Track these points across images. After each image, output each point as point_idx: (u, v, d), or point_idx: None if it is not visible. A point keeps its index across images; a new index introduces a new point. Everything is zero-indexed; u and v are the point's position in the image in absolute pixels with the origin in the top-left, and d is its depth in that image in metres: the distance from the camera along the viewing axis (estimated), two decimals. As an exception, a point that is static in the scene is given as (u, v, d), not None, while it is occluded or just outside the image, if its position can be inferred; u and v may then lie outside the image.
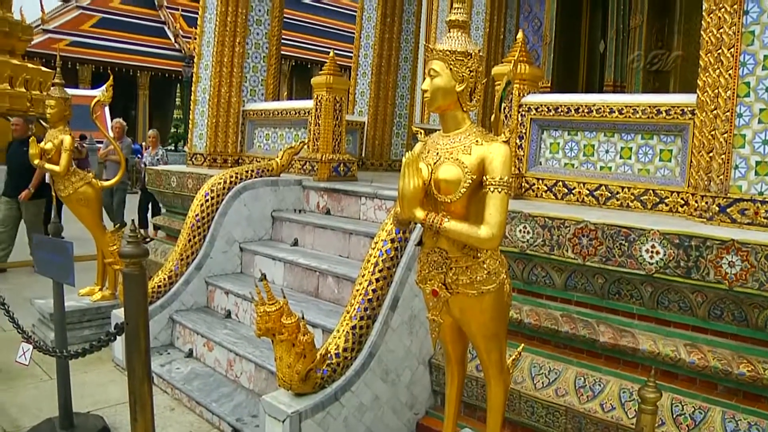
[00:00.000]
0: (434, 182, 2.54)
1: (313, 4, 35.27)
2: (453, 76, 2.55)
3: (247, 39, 7.26)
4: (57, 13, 30.62)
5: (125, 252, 2.70)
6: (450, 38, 2.62)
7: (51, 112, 5.94)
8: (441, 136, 2.65)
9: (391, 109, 8.22)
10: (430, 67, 2.60)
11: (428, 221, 2.50)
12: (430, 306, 2.76)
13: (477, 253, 2.56)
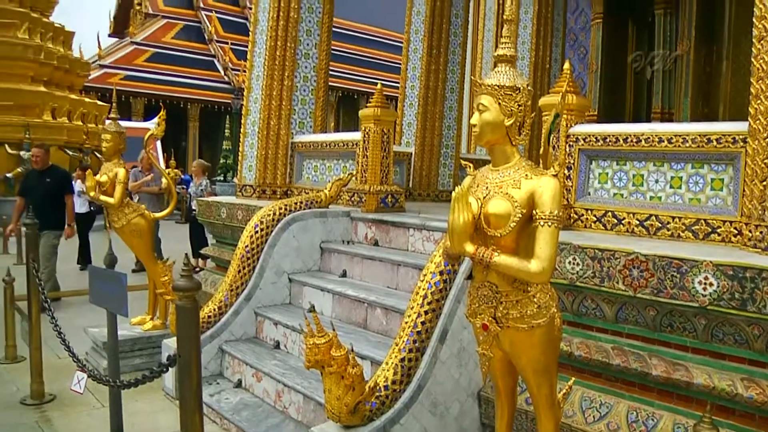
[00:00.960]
0: (484, 216, 2.55)
1: (360, 36, 35.79)
2: (502, 111, 2.57)
3: (295, 72, 7.42)
4: (113, 49, 31.76)
5: (179, 285, 2.76)
6: (498, 73, 2.65)
7: (107, 146, 6.13)
8: (490, 170, 2.67)
9: (437, 140, 8.26)
10: (479, 101, 2.62)
11: (478, 256, 2.50)
12: (480, 340, 2.75)
13: (527, 287, 2.56)
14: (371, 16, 37.67)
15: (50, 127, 19.05)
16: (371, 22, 37.79)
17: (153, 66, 30.87)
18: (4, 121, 18.27)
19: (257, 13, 7.60)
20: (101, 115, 22.11)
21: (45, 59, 19.52)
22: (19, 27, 19.18)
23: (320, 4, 7.55)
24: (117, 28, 37.52)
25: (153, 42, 32.40)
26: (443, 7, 8.30)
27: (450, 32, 8.40)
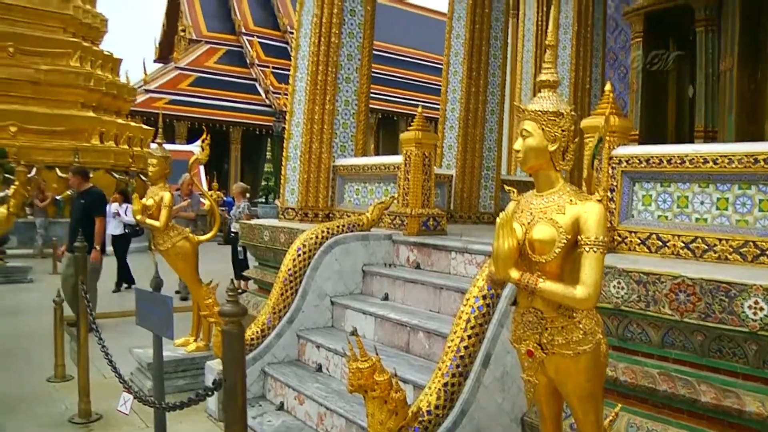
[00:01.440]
0: (528, 242, 2.55)
1: (398, 58, 36.06)
2: (545, 136, 2.58)
3: (336, 96, 7.51)
4: (158, 74, 32.55)
5: (225, 311, 2.81)
6: (541, 98, 2.65)
7: (153, 171, 6.27)
8: (534, 195, 2.67)
9: (478, 162, 8.24)
10: (522, 127, 2.63)
11: (523, 282, 2.50)
12: (525, 366, 2.73)
13: (572, 312, 2.54)
14: (410, 39, 37.97)
15: (98, 151, 19.62)
16: (410, 44, 38.07)
17: (196, 90, 31.55)
18: (55, 145, 18.94)
19: (299, 38, 7.72)
20: (146, 138, 22.69)
21: (94, 86, 20.19)
22: (71, 56, 19.95)
23: (361, 29, 7.65)
24: (162, 53, 38.55)
25: (196, 67, 33.14)
26: (482, 30, 8.32)
27: (489, 54, 8.41)
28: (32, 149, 18.33)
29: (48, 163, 18.58)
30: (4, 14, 19.31)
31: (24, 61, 19.06)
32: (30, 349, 7.43)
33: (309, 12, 7.59)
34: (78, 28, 20.85)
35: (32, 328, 8.34)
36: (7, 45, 18.88)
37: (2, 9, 19.29)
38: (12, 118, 18.53)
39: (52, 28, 20.13)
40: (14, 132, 18.47)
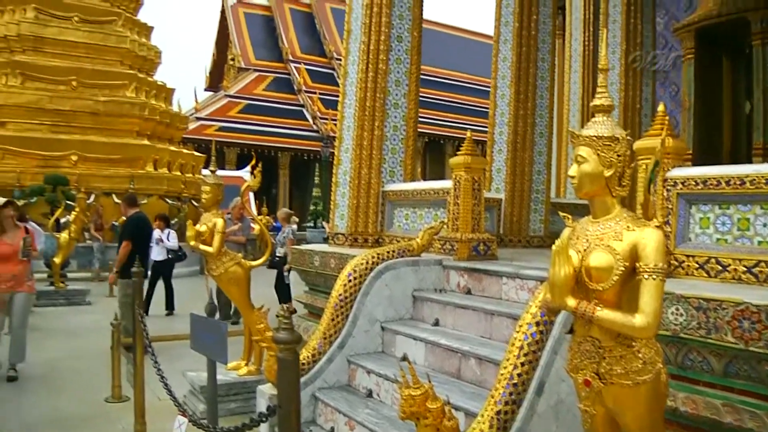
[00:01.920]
0: (585, 270, 2.50)
1: (444, 82, 36.17)
2: (601, 162, 2.54)
3: (385, 122, 7.56)
4: (208, 102, 33.32)
5: (280, 338, 2.82)
6: (596, 123, 2.63)
7: (206, 197, 6.40)
8: (590, 221, 2.63)
9: (528, 185, 8.18)
10: (577, 153, 2.60)
11: (580, 310, 2.45)
12: (582, 396, 2.67)
13: (631, 341, 2.48)
14: (456, 62, 38.08)
15: (152, 178, 20.17)
16: (456, 67, 38.19)
17: (245, 117, 32.18)
18: (112, 172, 19.63)
19: (347, 66, 7.82)
20: (198, 165, 23.22)
21: (149, 115, 20.89)
22: (128, 87, 20.75)
23: (408, 55, 7.71)
24: (212, 82, 39.51)
25: (245, 94, 33.82)
26: (529, 52, 8.31)
27: (537, 76, 8.39)
28: (91, 177, 19.03)
29: (105, 190, 19.20)
30: (69, 51, 20.45)
31: (85, 93, 19.95)
32: (88, 370, 7.62)
33: (356, 39, 7.69)
34: (134, 61, 21.67)
35: (90, 349, 8.56)
36: (70, 79, 19.85)
37: (68, 46, 20.43)
38: (73, 147, 19.36)
39: (110, 62, 21.05)
40: (75, 161, 19.25)
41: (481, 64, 34.17)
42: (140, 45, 22.12)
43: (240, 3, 38.52)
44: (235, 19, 37.46)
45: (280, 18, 37.82)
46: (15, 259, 7.25)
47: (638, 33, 9.80)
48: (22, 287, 7.36)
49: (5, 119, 19.18)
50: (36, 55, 20.08)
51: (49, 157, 19.06)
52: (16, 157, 18.79)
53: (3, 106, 19.08)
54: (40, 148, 19.02)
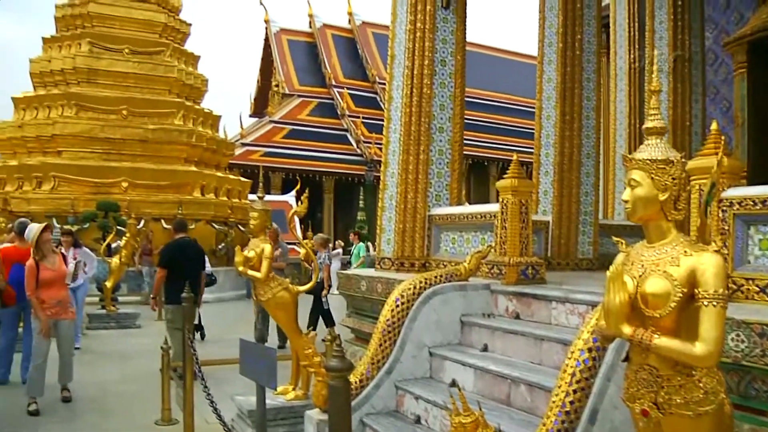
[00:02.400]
0: (641, 296, 2.44)
1: (488, 103, 36.10)
2: (655, 186, 2.49)
3: (430, 146, 7.55)
4: (253, 128, 33.89)
5: (331, 366, 2.82)
6: (649, 146, 2.58)
7: (254, 223, 6.46)
8: (645, 246, 2.57)
9: (575, 207, 8.07)
10: (630, 176, 2.55)
11: (636, 337, 2.39)
12: (640, 426, 2.59)
13: (692, 370, 2.40)
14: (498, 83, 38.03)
15: (199, 203, 20.55)
16: (498, 89, 38.13)
17: (290, 142, 32.60)
18: (161, 198, 20.09)
19: (391, 90, 7.86)
20: (244, 190, 23.58)
21: (196, 142, 21.36)
22: (175, 115, 21.32)
23: (452, 78, 7.71)
24: (257, 108, 40.19)
25: (289, 120, 34.31)
26: (574, 73, 8.25)
27: (582, 96, 8.31)
28: (141, 202, 19.51)
29: (155, 215, 19.63)
30: (120, 81, 21.23)
31: (135, 122, 20.58)
32: (138, 392, 7.73)
33: (400, 64, 7.73)
34: (181, 89, 22.24)
35: (140, 372, 8.69)
36: (121, 109, 20.51)
37: (119, 77, 21.21)
38: (124, 174, 19.93)
39: (159, 91, 21.69)
40: (125, 187, 19.79)
41: (524, 85, 34.13)
42: (187, 74, 22.68)
43: (283, 30, 39.20)
44: (278, 46, 38.12)
45: (322, 44, 38.34)
46: (59, 284, 7.31)
47: (686, 49, 9.65)
48: (67, 314, 7.41)
49: (61, 148, 19.94)
50: (89, 87, 20.84)
51: (101, 184, 19.68)
52: (70, 185, 19.44)
53: (59, 135, 19.83)
54: (92, 176, 19.64)
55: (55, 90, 20.98)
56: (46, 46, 22.22)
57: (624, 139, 10.77)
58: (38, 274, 7.00)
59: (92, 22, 21.88)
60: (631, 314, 2.46)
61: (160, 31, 22.62)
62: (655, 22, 10.08)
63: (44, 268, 7.10)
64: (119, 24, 22.13)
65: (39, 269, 7.03)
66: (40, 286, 6.99)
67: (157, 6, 22.85)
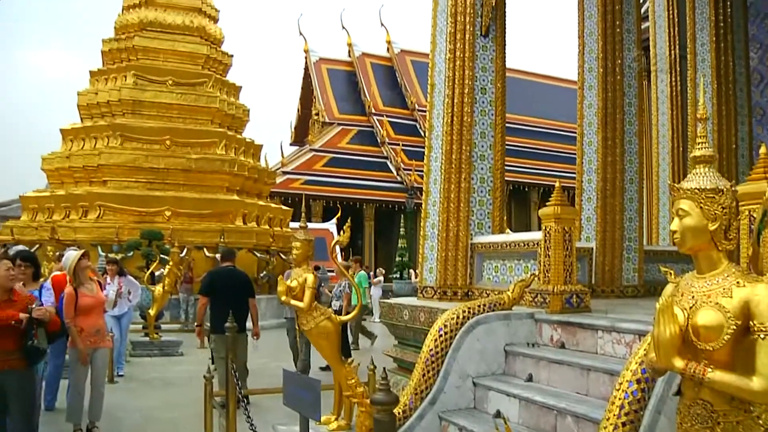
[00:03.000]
0: (692, 328, 2.39)
1: (527, 129, 35.96)
2: (704, 215, 2.45)
3: (472, 174, 7.53)
4: (294, 157, 34.27)
5: (377, 399, 2.81)
6: (697, 175, 2.54)
7: (296, 253, 6.48)
8: (695, 277, 2.51)
9: (619, 234, 7.97)
10: (678, 206, 2.51)
11: (689, 371, 2.33)
12: (695, 463, 2.52)
13: (749, 406, 2.33)
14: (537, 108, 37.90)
15: (241, 232, 20.78)
16: (537, 113, 37.99)
17: (330, 170, 32.86)
18: (203, 227, 20.36)
19: (432, 119, 7.88)
20: (285, 218, 23.79)
21: (238, 171, 21.70)
22: (218, 144, 21.71)
23: (492, 106, 7.71)
24: (297, 136, 40.68)
25: (330, 148, 34.62)
26: (615, 98, 8.19)
27: (624, 121, 8.25)
28: (184, 231, 19.77)
29: (197, 244, 19.89)
30: (163, 112, 21.78)
31: (178, 151, 21.00)
32: (181, 420, 7.77)
33: (440, 93, 7.76)
34: (223, 119, 22.66)
35: (183, 400, 8.74)
36: (164, 139, 20.97)
37: (162, 108, 21.75)
38: (167, 203, 20.29)
39: (201, 121, 22.14)
40: (169, 216, 20.14)
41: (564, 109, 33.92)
42: (229, 104, 23.11)
43: (323, 60, 39.72)
44: (318, 75, 38.62)
45: (362, 72, 38.73)
46: (97, 312, 7.26)
47: (730, 70, 9.51)
48: (104, 342, 7.39)
49: (106, 178, 20.45)
50: (134, 118, 21.38)
51: (145, 212, 20.07)
52: (115, 213, 19.87)
53: (104, 165, 20.34)
54: (136, 205, 20.05)
55: (101, 121, 21.58)
56: (93, 79, 22.93)
57: (667, 162, 10.62)
58: (77, 301, 6.94)
59: (137, 55, 22.53)
60: (682, 347, 2.40)
61: (202, 63, 23.13)
62: (697, 44, 9.98)
63: (83, 294, 7.03)
64: (163, 56, 22.72)
65: (77, 296, 6.96)
66: (78, 313, 6.92)
67: (200, 38, 23.41)
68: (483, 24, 7.65)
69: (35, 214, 20.92)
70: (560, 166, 33.15)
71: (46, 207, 20.65)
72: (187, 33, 23.21)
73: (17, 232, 20.09)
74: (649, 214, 11.15)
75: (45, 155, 21.84)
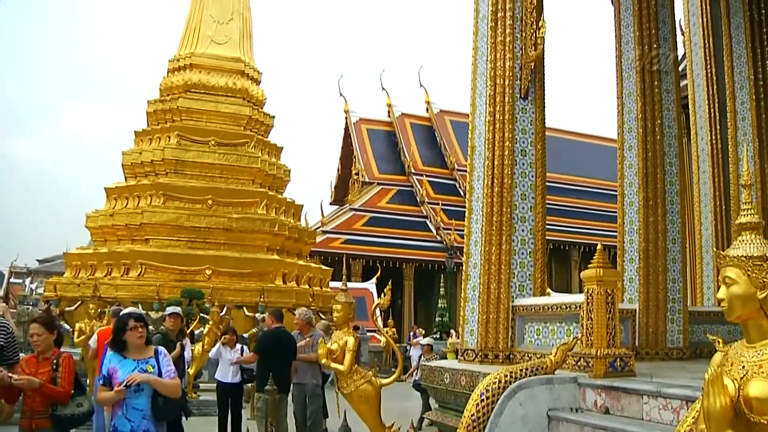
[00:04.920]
0: (744, 400, 2.34)
1: (566, 187, 35.81)
2: (752, 283, 2.42)
3: (513, 237, 7.50)
4: (333, 216, 34.59)
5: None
6: (744, 242, 2.52)
7: (338, 315, 6.56)
8: (745, 346, 2.47)
9: (663, 295, 7.84)
10: (725, 274, 2.49)
11: (742, 445, 2.28)
12: None
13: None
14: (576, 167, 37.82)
15: (281, 291, 20.88)
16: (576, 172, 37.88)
17: (370, 230, 33.03)
18: (243, 286, 20.52)
19: (472, 181, 7.93)
20: (325, 278, 23.87)
21: (278, 230, 21.96)
22: (259, 204, 22.06)
23: (533, 168, 7.73)
24: (337, 196, 41.10)
25: (369, 207, 34.88)
26: (656, 158, 8.18)
27: (665, 181, 8.21)
28: (224, 290, 19.93)
29: (237, 303, 20.02)
30: (205, 172, 22.27)
31: (219, 211, 21.36)
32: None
33: (481, 155, 7.82)
34: (265, 179, 23.05)
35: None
36: (206, 198, 21.37)
37: (204, 168, 22.25)
38: (208, 262, 20.54)
39: (243, 181, 22.57)
40: (209, 275, 20.36)
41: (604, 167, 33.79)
42: (271, 164, 23.53)
43: (363, 120, 40.36)
44: (358, 135, 39.20)
45: (401, 132, 39.20)
46: None
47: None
48: None
49: (148, 236, 20.84)
50: (177, 177, 21.86)
51: (185, 271, 20.31)
52: (156, 272, 20.16)
53: (147, 224, 20.77)
54: (178, 263, 20.32)
55: (145, 180, 22.12)
56: (138, 139, 23.58)
57: (710, 221, 10.45)
58: None
59: (181, 115, 23.13)
60: (734, 419, 2.35)
61: (244, 124, 23.65)
62: (737, 102, 9.95)
63: None
64: (206, 117, 23.28)
65: None
66: None
67: (243, 100, 23.98)
68: (522, 87, 7.74)
69: (78, 271, 21.33)
70: (601, 224, 32.84)
71: (89, 264, 21.07)
72: (230, 95, 23.81)
73: (60, 288, 20.50)
74: (692, 274, 10.95)
75: (89, 213, 22.36)
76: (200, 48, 24.19)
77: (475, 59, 8.19)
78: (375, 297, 25.72)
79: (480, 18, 8.20)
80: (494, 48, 7.80)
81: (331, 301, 6.82)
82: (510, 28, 7.75)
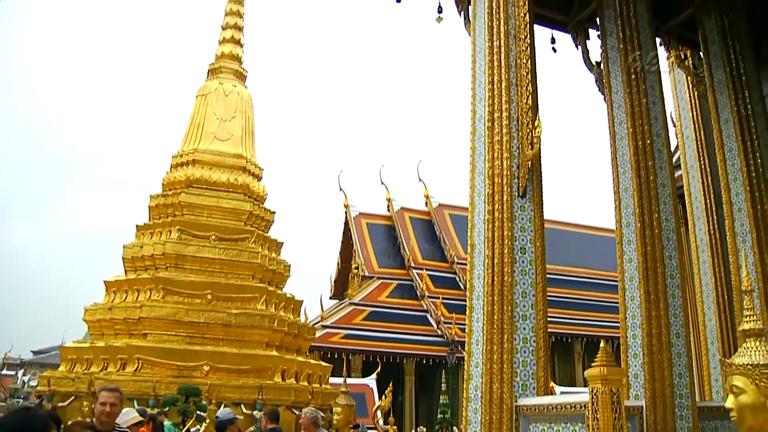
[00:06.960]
0: None
1: (566, 279, 35.73)
2: (761, 392, 2.39)
3: (514, 335, 7.45)
4: (333, 310, 34.36)
5: None
6: (749, 349, 2.51)
7: (338, 418, 6.45)
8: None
9: (669, 390, 7.70)
10: (732, 383, 2.47)
11: None
12: None
13: None
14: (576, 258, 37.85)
15: (280, 388, 20.45)
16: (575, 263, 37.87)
17: (370, 324, 32.73)
18: (241, 383, 20.07)
19: (472, 279, 7.94)
20: (325, 375, 23.44)
21: (278, 326, 21.69)
22: (258, 300, 21.91)
23: (533, 265, 7.76)
24: (337, 290, 40.96)
25: (369, 302, 34.70)
26: (655, 251, 8.20)
27: (666, 275, 8.19)
28: (222, 386, 19.51)
29: (235, 400, 19.51)
30: (205, 267, 22.17)
31: (218, 306, 21.18)
32: None
33: (480, 253, 7.86)
34: (265, 275, 22.99)
35: None
36: (206, 293, 21.22)
37: (204, 262, 22.17)
38: (206, 358, 20.18)
39: (243, 276, 22.47)
40: (207, 371, 19.97)
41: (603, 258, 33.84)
42: (271, 260, 23.50)
43: (363, 214, 40.67)
44: (358, 230, 39.41)
45: (401, 226, 39.44)
46: None
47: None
48: None
49: (146, 331, 20.53)
50: (176, 271, 21.77)
51: (183, 367, 19.90)
52: (153, 367, 19.75)
53: (145, 318, 20.53)
54: (175, 359, 19.94)
55: (145, 274, 21.97)
56: (139, 233, 23.61)
57: (713, 311, 10.40)
58: None
59: (182, 210, 23.23)
60: None
61: (245, 219, 23.75)
62: (732, 194, 10.02)
63: None
64: (207, 212, 23.37)
65: None
66: None
67: (244, 195, 24.18)
68: (520, 185, 7.86)
69: (73, 365, 20.87)
70: (603, 315, 32.58)
71: (84, 358, 20.64)
72: (232, 190, 24.02)
73: (54, 383, 19.98)
74: (699, 366, 10.79)
75: (88, 306, 22.12)
76: (203, 144, 24.62)
77: (473, 158, 8.36)
78: (375, 393, 25.20)
79: (477, 118, 8.43)
80: (492, 147, 7.97)
81: (330, 399, 6.70)
82: (507, 128, 7.95)
